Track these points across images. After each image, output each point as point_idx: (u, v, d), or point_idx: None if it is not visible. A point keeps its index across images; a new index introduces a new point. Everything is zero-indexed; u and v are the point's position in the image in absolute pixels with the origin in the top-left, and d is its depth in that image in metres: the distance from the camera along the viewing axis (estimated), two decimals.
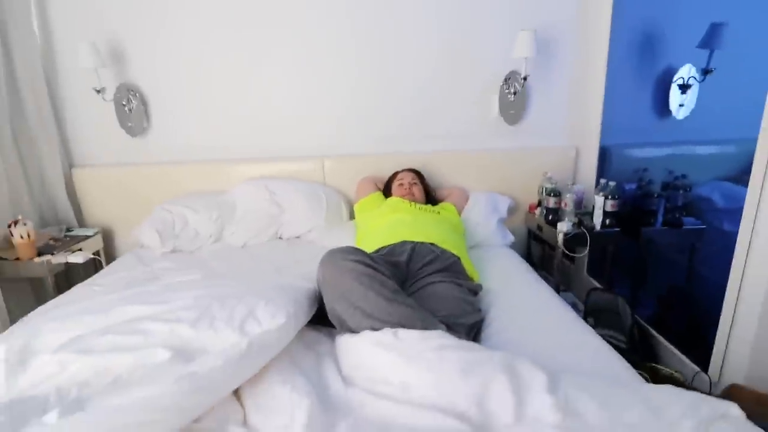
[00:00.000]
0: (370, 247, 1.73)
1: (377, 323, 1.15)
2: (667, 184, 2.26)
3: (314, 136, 2.43)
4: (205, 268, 1.91)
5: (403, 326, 1.15)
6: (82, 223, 2.41)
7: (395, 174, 2.25)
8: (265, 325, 1.08)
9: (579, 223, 2.16)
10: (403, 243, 1.68)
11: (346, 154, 2.44)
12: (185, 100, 2.34)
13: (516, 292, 1.66)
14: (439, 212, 2.02)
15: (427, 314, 1.23)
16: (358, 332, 1.18)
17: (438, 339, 1.07)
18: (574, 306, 2.37)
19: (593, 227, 2.12)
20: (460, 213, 2.21)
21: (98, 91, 2.18)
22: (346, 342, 1.16)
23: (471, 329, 1.37)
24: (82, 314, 1.17)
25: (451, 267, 1.61)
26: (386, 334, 1.10)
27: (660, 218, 2.16)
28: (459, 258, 1.70)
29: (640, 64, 2.45)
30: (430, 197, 2.25)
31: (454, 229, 1.93)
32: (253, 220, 2.22)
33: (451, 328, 1.27)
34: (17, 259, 1.98)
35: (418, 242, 1.67)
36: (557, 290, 2.21)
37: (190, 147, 2.40)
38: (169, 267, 1.94)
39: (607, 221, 2.13)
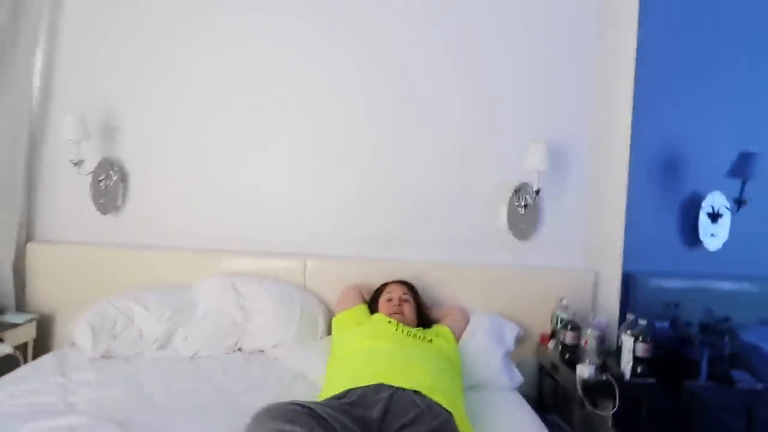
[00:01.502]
0: (336, 385, 1.27)
1: None
2: (707, 326, 1.82)
3: (301, 232, 2.08)
4: (132, 387, 1.44)
5: None
6: (21, 306, 2.00)
7: (384, 285, 1.84)
8: None
9: (603, 367, 1.68)
10: (379, 387, 1.20)
11: (332, 255, 2.07)
12: (167, 180, 2.06)
13: None
14: (431, 340, 1.57)
15: None
16: None
17: None
18: None
19: (621, 375, 1.64)
20: (458, 339, 1.75)
21: (75, 164, 1.92)
22: None
23: None
24: None
25: (438, 430, 1.13)
26: None
27: (704, 370, 1.68)
28: (451, 414, 1.22)
29: (664, 186, 2.15)
30: (424, 317, 1.81)
31: (448, 367, 1.46)
32: (212, 324, 1.78)
33: None
34: None
35: (399, 389, 1.20)
36: None
37: (162, 231, 2.06)
38: (89, 380, 1.46)
39: (639, 369, 1.65)
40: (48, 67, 2.04)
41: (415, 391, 1.21)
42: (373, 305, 1.81)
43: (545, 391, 2.04)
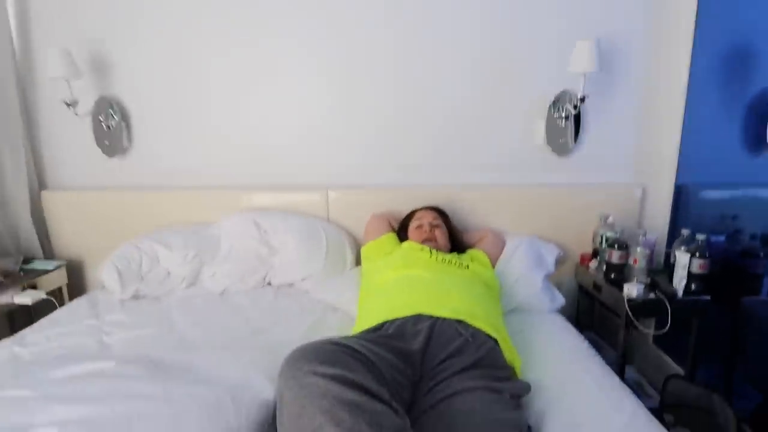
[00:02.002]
0: (371, 317, 1.19)
1: None
2: None
3: (320, 163, 1.91)
4: (164, 326, 1.41)
5: None
6: (49, 254, 1.97)
7: (413, 212, 1.70)
8: None
9: (652, 286, 1.56)
10: (418, 318, 1.12)
11: (355, 185, 1.92)
12: (173, 117, 1.89)
13: (579, 396, 1.07)
14: (467, 266, 1.45)
15: None
16: None
17: None
18: (639, 387, 1.74)
19: (674, 293, 1.51)
20: (494, 264, 1.64)
21: (68, 105, 1.76)
22: None
23: None
24: None
25: (484, 359, 1.04)
26: None
27: (766, 285, 1.54)
28: (496, 341, 1.14)
29: (729, 85, 1.84)
30: (456, 242, 1.69)
31: (487, 292, 1.36)
32: (238, 261, 1.71)
33: None
34: None
35: (439, 319, 1.11)
36: (621, 367, 1.60)
37: (176, 171, 1.94)
38: (121, 321, 1.45)
39: (693, 286, 1.52)
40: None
41: (458, 320, 1.12)
42: (402, 234, 1.69)
43: (581, 311, 1.96)
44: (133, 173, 1.94)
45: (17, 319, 1.83)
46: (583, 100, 1.68)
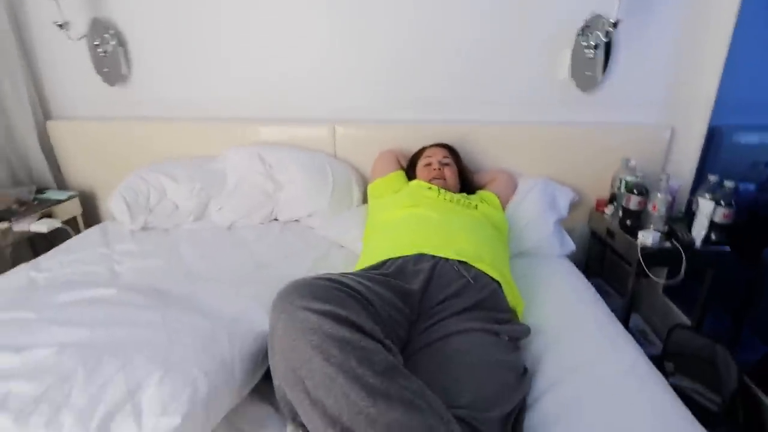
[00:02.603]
0: (374, 255, 1.17)
1: None
2: None
3: (328, 97, 1.80)
4: (172, 257, 1.43)
5: None
6: (61, 185, 1.99)
7: (422, 150, 1.62)
8: (146, 427, 0.57)
9: (669, 234, 1.48)
10: (421, 257, 1.09)
11: (364, 119, 1.82)
12: (173, 44, 1.77)
13: (579, 339, 1.06)
14: (476, 206, 1.39)
15: (436, 413, 0.67)
16: None
17: None
18: (643, 334, 1.74)
19: (692, 242, 1.44)
20: (504, 206, 1.57)
21: (60, 26, 1.66)
22: None
23: (508, 419, 0.80)
24: None
25: (485, 301, 1.02)
26: None
27: None
28: (499, 284, 1.11)
29: None
30: (466, 183, 1.61)
31: (495, 235, 1.31)
32: (244, 196, 1.69)
33: (477, 429, 0.72)
34: None
35: (441, 259, 1.08)
36: (626, 315, 1.58)
37: (178, 101, 1.86)
38: (131, 251, 1.47)
39: (714, 236, 1.44)
40: None
41: (460, 261, 1.09)
42: (410, 172, 1.62)
43: (591, 257, 1.91)
44: (135, 102, 1.88)
45: (39, 249, 1.89)
46: (615, 25, 1.49)
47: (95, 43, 1.74)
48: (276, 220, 1.75)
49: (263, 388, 0.83)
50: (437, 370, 0.82)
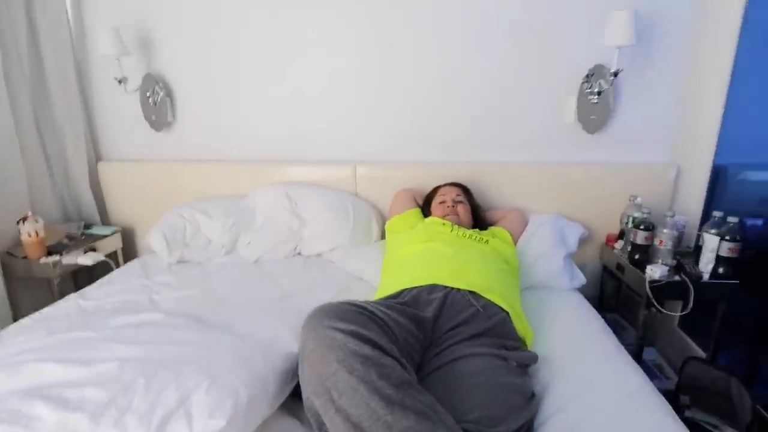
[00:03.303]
0: (391, 286, 1.28)
1: None
2: None
3: (350, 138, 1.98)
4: (206, 288, 1.57)
5: None
6: (106, 221, 2.19)
7: (436, 189, 1.76)
8: (197, 428, 0.68)
9: (677, 268, 1.55)
10: (433, 288, 1.20)
11: (383, 160, 1.99)
12: (213, 93, 2.01)
13: (586, 367, 1.13)
14: (488, 241, 1.50)
15: (446, 425, 0.76)
16: None
17: None
18: (659, 367, 1.76)
19: (699, 276, 1.50)
20: (516, 241, 1.67)
21: (120, 81, 1.92)
22: None
23: None
24: None
25: (494, 329, 1.11)
26: None
27: None
28: (508, 313, 1.20)
29: None
30: (479, 219, 1.73)
31: (505, 268, 1.41)
32: (271, 231, 1.85)
33: None
34: (25, 257, 1.78)
35: (453, 289, 1.19)
36: (640, 348, 1.62)
37: (215, 145, 2.08)
38: (168, 282, 1.62)
39: (721, 269, 1.50)
40: None
41: (471, 291, 1.19)
42: (426, 209, 1.75)
43: (606, 293, 1.97)
44: (177, 146, 2.10)
45: (80, 280, 2.07)
46: (616, 74, 1.64)
47: (147, 94, 1.99)
48: (299, 254, 1.89)
49: (291, 405, 0.93)
50: (447, 389, 0.90)
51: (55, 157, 2.02)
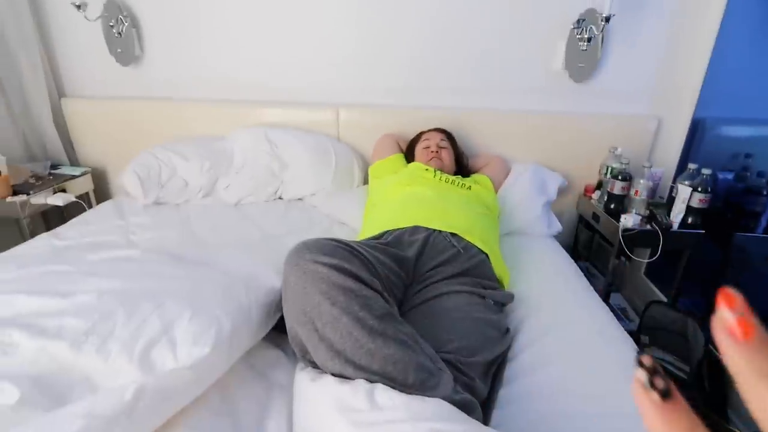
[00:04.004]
0: (373, 228, 1.28)
1: (350, 368, 0.73)
2: None
3: (332, 81, 1.91)
4: (184, 229, 1.54)
5: (388, 378, 0.73)
6: (74, 161, 2.08)
7: (420, 134, 1.73)
8: (181, 355, 0.69)
9: (650, 218, 1.60)
10: (416, 229, 1.20)
11: (366, 104, 1.92)
12: (184, 26, 1.86)
13: (558, 306, 1.19)
14: (470, 187, 1.51)
15: (425, 353, 0.79)
16: (323, 371, 0.78)
17: (432, 422, 0.64)
18: (623, 311, 1.87)
19: (669, 225, 1.56)
20: (497, 189, 1.69)
21: (78, 7, 1.75)
22: (303, 389, 0.75)
23: (489, 367, 0.93)
24: None
25: (473, 269, 1.14)
26: (358, 395, 0.68)
27: (764, 222, 1.57)
28: (487, 255, 1.23)
29: None
30: (462, 166, 1.72)
31: (486, 213, 1.43)
32: (251, 175, 1.80)
33: (462, 371, 0.84)
34: None
35: (434, 231, 1.20)
36: (607, 293, 1.71)
37: (188, 83, 1.96)
38: (144, 223, 1.57)
39: (690, 219, 1.56)
40: None
41: (452, 233, 1.20)
42: (409, 155, 1.73)
43: (580, 241, 2.04)
44: (147, 83, 1.97)
45: (51, 221, 2.00)
46: (608, 19, 1.59)
47: (110, 24, 1.83)
48: (280, 198, 1.86)
49: (274, 337, 0.95)
50: (428, 322, 0.94)
51: (12, 91, 1.86)
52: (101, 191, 2.09)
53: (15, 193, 1.71)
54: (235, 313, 0.79)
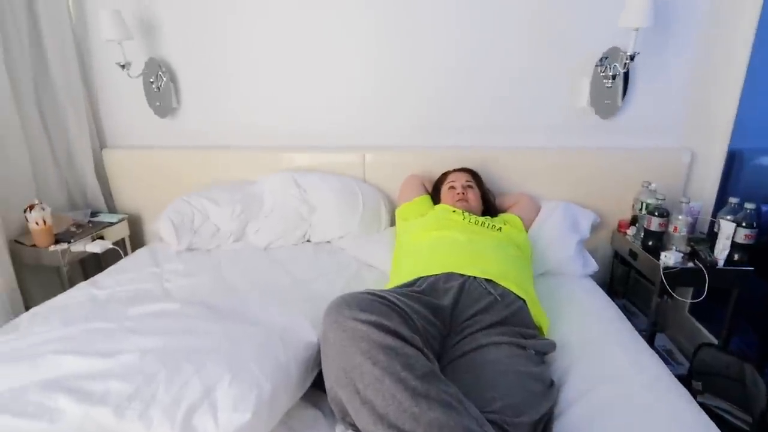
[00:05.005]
0: (405, 274, 1.26)
1: None
2: None
3: (358, 123, 1.94)
4: (216, 275, 1.55)
5: None
6: (112, 209, 2.17)
7: (445, 174, 1.72)
8: (222, 421, 0.67)
9: (692, 255, 1.53)
10: (450, 276, 1.18)
11: (392, 146, 1.95)
12: (217, 78, 1.96)
13: (604, 353, 1.12)
14: (500, 228, 1.48)
15: (471, 415, 0.75)
16: None
17: None
18: (669, 353, 1.76)
19: (714, 263, 1.48)
20: (527, 228, 1.65)
21: (123, 66, 1.87)
22: None
23: (537, 426, 0.87)
24: (3, 360, 0.83)
25: (512, 317, 1.10)
26: None
27: None
28: (524, 301, 1.19)
29: None
30: (489, 206, 1.71)
31: (519, 255, 1.39)
32: (280, 218, 1.82)
33: None
34: (33, 245, 1.76)
35: (470, 277, 1.17)
36: (651, 334, 1.62)
37: (221, 131, 2.03)
38: (178, 270, 1.60)
39: (736, 256, 1.48)
40: None
41: (487, 279, 1.17)
42: (435, 196, 1.72)
43: (615, 278, 1.96)
44: (182, 133, 2.06)
45: (88, 267, 2.06)
46: (632, 58, 1.59)
47: (150, 80, 1.94)
48: (309, 241, 1.87)
49: (312, 396, 0.92)
50: (469, 378, 0.90)
51: (58, 144, 1.98)
52: (136, 237, 2.16)
53: (56, 241, 1.78)
54: (274, 373, 0.78)
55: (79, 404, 0.70)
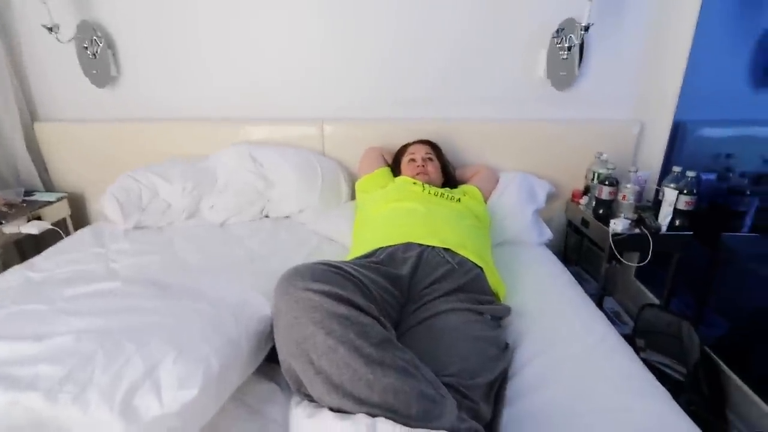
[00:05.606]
0: (364, 246, 1.25)
1: (349, 402, 0.69)
2: (761, 176, 1.66)
3: (315, 96, 1.87)
4: (168, 253, 1.48)
5: (389, 410, 0.69)
6: (49, 187, 2.00)
7: (405, 146, 1.70)
8: (166, 400, 0.64)
9: (638, 222, 1.60)
10: (408, 246, 1.17)
11: (350, 117, 1.89)
12: (161, 46, 1.81)
13: (556, 317, 1.16)
14: (459, 199, 1.49)
15: (427, 380, 0.75)
16: (321, 405, 0.73)
17: None
18: (617, 315, 1.86)
19: (658, 228, 1.56)
20: (486, 199, 1.67)
21: (50, 30, 1.69)
22: (299, 425, 0.71)
23: (492, 387, 0.89)
24: None
25: (469, 285, 1.11)
26: (359, 431, 0.65)
27: (749, 221, 1.58)
28: (482, 269, 1.20)
29: (740, 19, 1.76)
30: (449, 177, 1.71)
31: (477, 225, 1.40)
32: (235, 193, 1.75)
33: (465, 395, 0.80)
34: None
35: (428, 247, 1.17)
36: (600, 298, 1.70)
37: (167, 102, 1.90)
38: (125, 249, 1.51)
39: (677, 222, 1.56)
40: None
41: (445, 248, 1.18)
42: (395, 168, 1.70)
43: (569, 246, 2.03)
44: (124, 104, 1.91)
45: (26, 249, 1.91)
46: (587, 28, 1.61)
47: (84, 45, 1.77)
48: (267, 217, 1.81)
49: (268, 370, 0.90)
50: (426, 344, 0.90)
51: None
52: (79, 217, 2.01)
53: None
54: (224, 348, 0.75)
55: (5, 392, 0.64)
